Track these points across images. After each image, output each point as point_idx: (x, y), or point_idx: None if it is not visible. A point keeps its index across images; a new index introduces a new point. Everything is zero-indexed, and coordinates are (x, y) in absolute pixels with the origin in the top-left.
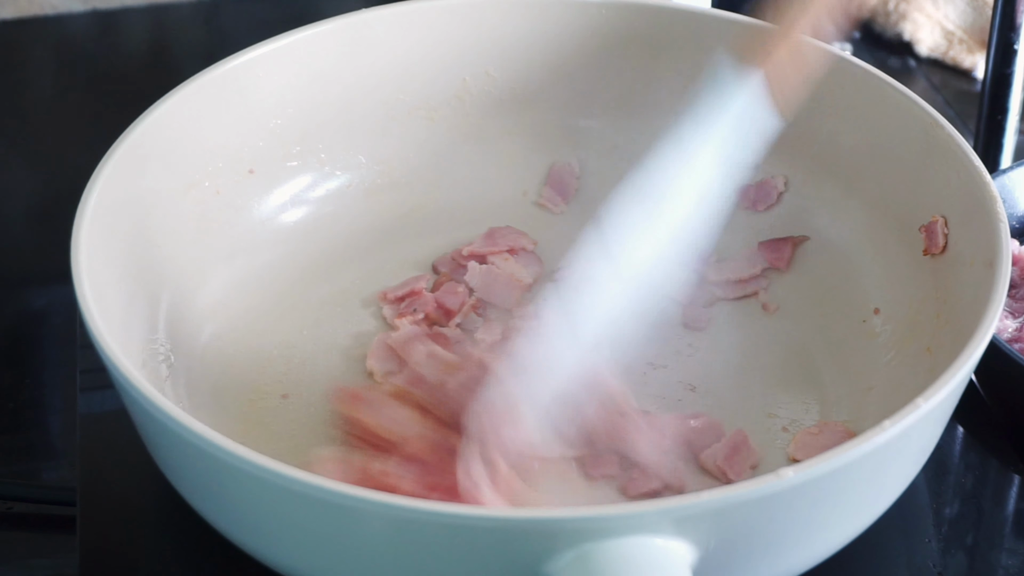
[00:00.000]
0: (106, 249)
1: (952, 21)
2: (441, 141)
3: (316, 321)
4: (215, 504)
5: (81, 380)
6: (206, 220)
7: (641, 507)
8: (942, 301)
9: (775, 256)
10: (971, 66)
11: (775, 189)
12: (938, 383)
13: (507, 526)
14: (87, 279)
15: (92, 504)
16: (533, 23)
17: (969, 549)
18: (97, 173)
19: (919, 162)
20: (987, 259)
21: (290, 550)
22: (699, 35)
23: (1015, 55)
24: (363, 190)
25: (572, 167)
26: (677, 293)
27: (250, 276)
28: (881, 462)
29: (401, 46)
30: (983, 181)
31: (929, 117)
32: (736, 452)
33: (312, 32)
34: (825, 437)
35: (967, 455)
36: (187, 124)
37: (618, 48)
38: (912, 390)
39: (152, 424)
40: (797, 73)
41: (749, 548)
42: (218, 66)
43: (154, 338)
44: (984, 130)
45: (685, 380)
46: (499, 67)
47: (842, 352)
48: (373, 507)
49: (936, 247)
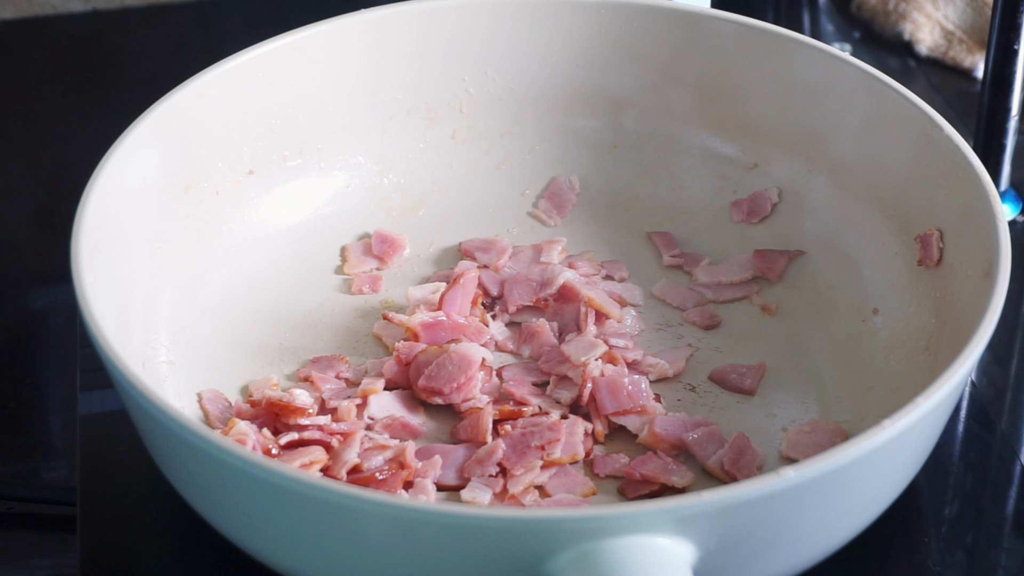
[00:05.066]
0: (106, 249)
1: (952, 21)
2: (440, 141)
3: (316, 321)
4: (215, 504)
5: (81, 380)
6: (206, 220)
7: (641, 507)
8: (941, 301)
9: (767, 266)
10: (971, 66)
11: (769, 201)
12: (937, 383)
13: (508, 526)
14: (87, 279)
15: (92, 504)
16: (533, 23)
17: (968, 549)
18: (97, 173)
19: (918, 163)
20: (986, 261)
21: (290, 550)
22: (699, 35)
23: (1015, 55)
24: (363, 190)
25: (573, 183)
26: (668, 295)
27: (250, 276)
28: (881, 462)
29: (401, 46)
30: (982, 182)
31: (928, 118)
32: (741, 455)
33: (312, 32)
34: (817, 435)
35: (967, 455)
36: (187, 124)
37: (618, 48)
38: (911, 390)
39: (152, 424)
40: None
41: (750, 547)
42: (218, 66)
43: (154, 338)
44: (984, 130)
45: (685, 380)
46: (499, 67)
47: (841, 352)
48: (373, 507)
49: (931, 260)
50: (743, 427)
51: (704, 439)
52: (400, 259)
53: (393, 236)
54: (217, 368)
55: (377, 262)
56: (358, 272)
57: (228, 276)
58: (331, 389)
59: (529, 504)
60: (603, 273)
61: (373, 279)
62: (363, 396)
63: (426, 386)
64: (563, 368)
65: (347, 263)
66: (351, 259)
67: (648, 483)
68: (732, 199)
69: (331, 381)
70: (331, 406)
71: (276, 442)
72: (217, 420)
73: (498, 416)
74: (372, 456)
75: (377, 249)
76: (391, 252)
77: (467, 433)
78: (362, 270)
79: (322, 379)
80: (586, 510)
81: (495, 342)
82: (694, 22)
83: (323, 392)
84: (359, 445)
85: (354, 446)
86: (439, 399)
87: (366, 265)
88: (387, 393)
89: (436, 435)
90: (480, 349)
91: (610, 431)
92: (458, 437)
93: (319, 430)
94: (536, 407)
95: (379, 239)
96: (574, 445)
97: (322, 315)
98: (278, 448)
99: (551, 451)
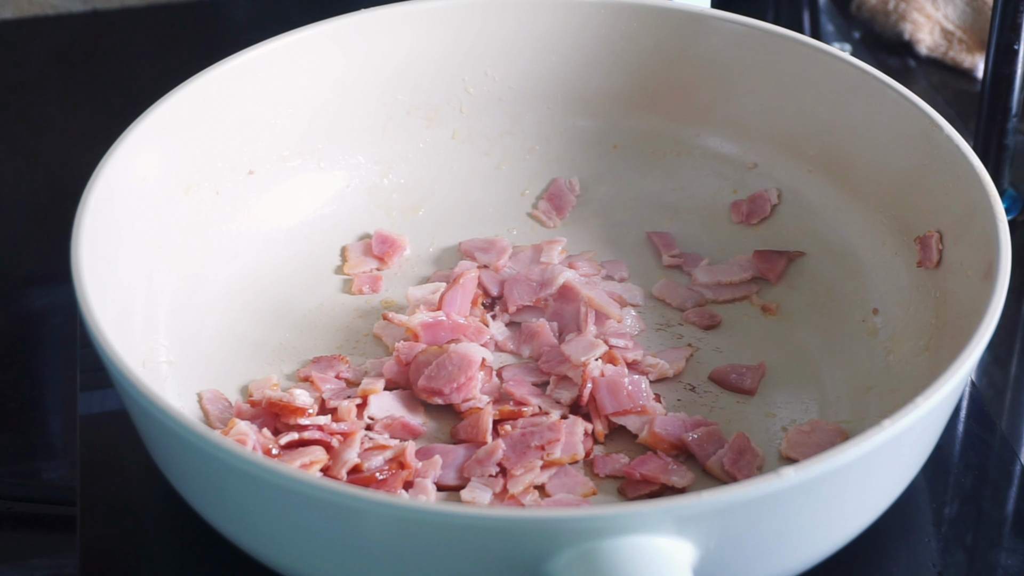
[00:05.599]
0: (106, 249)
1: (952, 21)
2: (440, 141)
3: (316, 321)
4: (215, 504)
5: (81, 380)
6: (206, 220)
7: (642, 507)
8: (941, 301)
9: (767, 267)
10: (971, 66)
11: (768, 202)
12: (937, 383)
13: (508, 526)
14: (87, 279)
15: (92, 504)
16: (533, 23)
17: (969, 549)
18: (97, 173)
19: (918, 163)
20: (987, 261)
21: (290, 550)
22: (699, 35)
23: (1015, 55)
24: (363, 190)
25: (573, 185)
26: (668, 295)
27: (250, 276)
28: (881, 462)
29: (401, 46)
30: (982, 182)
31: (928, 118)
32: (741, 455)
33: (312, 32)
34: (817, 435)
35: (967, 455)
36: (187, 124)
37: (618, 48)
38: (911, 390)
39: (152, 424)
40: None
41: (750, 547)
42: (218, 66)
43: (154, 338)
44: (984, 130)
45: (685, 380)
46: (498, 67)
47: (841, 352)
48: (373, 507)
49: (930, 261)
50: (743, 427)
51: (704, 439)
52: (400, 259)
53: (394, 237)
54: (217, 368)
55: (377, 262)
56: (358, 272)
57: (228, 276)
58: (331, 389)
59: (529, 504)
60: (603, 273)
61: (373, 279)
62: (363, 396)
63: (426, 386)
64: (563, 368)
65: (347, 263)
66: (351, 259)
67: (648, 483)
68: (732, 199)
69: (331, 381)
70: (331, 406)
71: (276, 442)
72: (217, 420)
73: (498, 416)
74: (372, 456)
75: (377, 249)
76: (391, 252)
77: (467, 433)
78: (362, 270)
79: (322, 379)
80: (586, 510)
81: (495, 342)
82: (694, 22)
83: (323, 392)
84: (359, 445)
85: (354, 446)
86: (439, 399)
87: (366, 265)
88: (387, 393)
89: (436, 435)
90: (480, 349)
91: (610, 431)
92: (458, 437)
93: (319, 430)
94: (536, 407)
95: (379, 239)
96: (574, 445)
97: (322, 315)
98: (278, 448)
99: (551, 451)
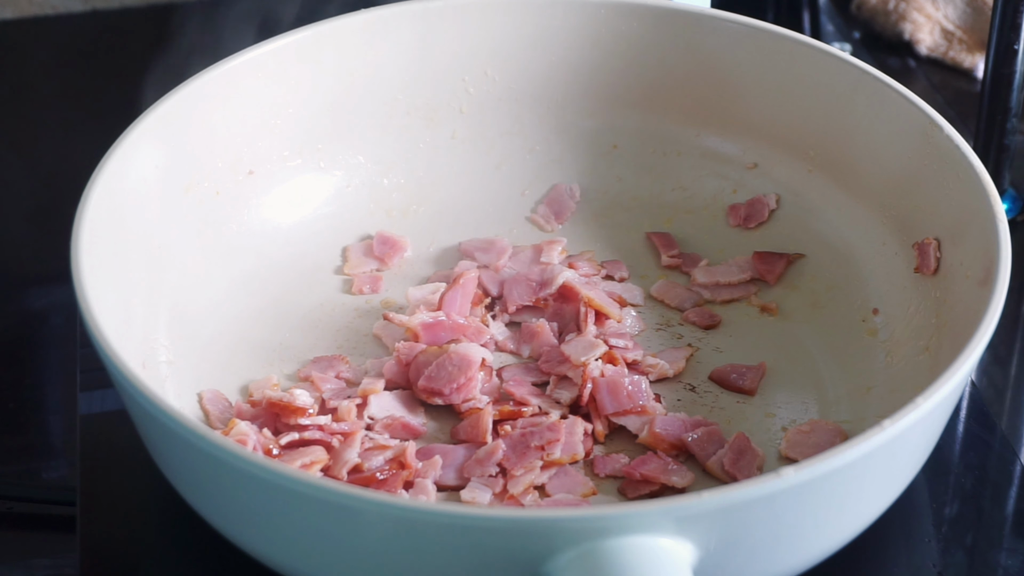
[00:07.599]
0: (106, 249)
1: (952, 21)
2: (440, 141)
3: (316, 321)
4: (215, 504)
5: (81, 380)
6: (206, 220)
7: (641, 507)
8: (941, 301)
9: (766, 268)
10: (971, 66)
11: (766, 207)
12: (937, 383)
13: (508, 526)
14: (87, 279)
15: (92, 504)
16: (533, 23)
17: (969, 549)
18: (97, 173)
19: (918, 163)
20: (986, 261)
21: (290, 550)
22: (699, 35)
23: (1015, 55)
24: (363, 190)
25: (573, 191)
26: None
27: (250, 276)
28: (881, 462)
29: (401, 46)
30: (982, 182)
31: (928, 118)
32: (741, 455)
33: (312, 32)
34: (817, 435)
35: (967, 455)
36: (187, 124)
37: (618, 48)
38: (911, 390)
39: (152, 424)
40: None
41: (750, 547)
42: (218, 66)
43: (154, 338)
44: (984, 130)
45: (685, 380)
46: (498, 67)
47: (841, 352)
48: (373, 507)
49: (928, 268)
50: (743, 427)
51: (704, 439)
52: (400, 260)
53: (395, 238)
54: (217, 368)
55: (378, 263)
56: (358, 272)
57: (228, 276)
58: (331, 389)
59: (529, 504)
60: (603, 273)
61: (373, 279)
62: (363, 396)
63: (426, 386)
64: (563, 368)
65: (348, 263)
66: (352, 260)
67: (648, 483)
68: (732, 199)
69: (331, 381)
70: (331, 406)
71: (276, 442)
72: (217, 420)
73: (498, 416)
74: (372, 456)
75: (378, 250)
76: (392, 253)
77: (467, 433)
78: (362, 270)
79: (322, 379)
80: (586, 510)
81: (495, 342)
82: (694, 22)
83: (323, 392)
84: (359, 445)
85: (354, 446)
86: (439, 399)
87: (367, 266)
88: (387, 393)
89: (436, 435)
90: (480, 349)
91: (610, 431)
92: (458, 437)
93: (319, 430)
94: (536, 407)
95: (380, 240)
96: (574, 445)
97: (322, 315)
98: (278, 448)
99: (551, 451)
